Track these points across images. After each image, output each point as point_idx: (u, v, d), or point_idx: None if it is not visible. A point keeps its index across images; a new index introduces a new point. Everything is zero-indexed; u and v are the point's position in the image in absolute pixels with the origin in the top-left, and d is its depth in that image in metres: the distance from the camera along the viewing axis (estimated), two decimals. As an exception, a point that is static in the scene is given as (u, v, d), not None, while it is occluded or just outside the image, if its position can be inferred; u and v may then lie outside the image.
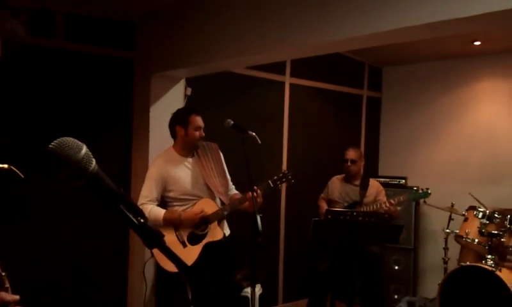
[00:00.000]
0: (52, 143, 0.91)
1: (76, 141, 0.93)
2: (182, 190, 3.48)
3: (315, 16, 2.97)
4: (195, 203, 3.49)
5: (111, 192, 0.95)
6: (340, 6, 2.85)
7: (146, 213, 3.37)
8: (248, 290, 4.01)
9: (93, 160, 0.93)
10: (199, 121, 3.49)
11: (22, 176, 2.71)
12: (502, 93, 5.24)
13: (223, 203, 3.56)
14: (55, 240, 3.84)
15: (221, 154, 3.68)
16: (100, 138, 4.17)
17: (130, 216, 0.97)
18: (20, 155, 3.36)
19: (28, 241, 3.65)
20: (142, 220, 0.98)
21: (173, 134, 3.59)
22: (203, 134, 3.53)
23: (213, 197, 3.54)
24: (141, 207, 3.35)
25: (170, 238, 3.38)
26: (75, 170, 0.91)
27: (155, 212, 3.39)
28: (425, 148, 5.73)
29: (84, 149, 0.92)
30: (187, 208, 3.49)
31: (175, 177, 3.48)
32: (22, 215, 3.69)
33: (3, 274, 1.07)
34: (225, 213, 3.48)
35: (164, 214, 3.39)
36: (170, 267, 3.20)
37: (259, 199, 3.33)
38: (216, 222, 3.46)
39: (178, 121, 3.53)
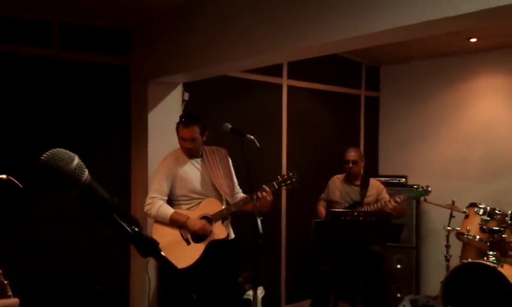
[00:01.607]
0: (44, 155, 0.91)
1: (68, 152, 0.93)
2: (189, 188, 3.55)
3: (310, 19, 2.98)
4: (200, 202, 3.53)
5: (104, 202, 0.95)
6: (335, 8, 2.85)
7: (156, 208, 3.46)
8: (250, 292, 4.00)
9: (86, 170, 0.93)
10: (185, 133, 3.52)
11: (21, 186, 2.72)
12: (499, 88, 5.24)
13: (228, 204, 3.58)
14: (55, 248, 3.84)
15: (230, 159, 3.73)
16: (99, 146, 4.18)
17: (124, 225, 0.97)
18: (17, 165, 3.37)
19: (28, 250, 3.66)
20: (136, 229, 0.98)
21: None
22: (189, 145, 3.54)
23: (219, 198, 3.59)
24: (151, 201, 3.47)
25: (174, 235, 3.44)
26: (67, 181, 0.91)
27: (164, 209, 3.48)
28: (425, 146, 5.72)
29: (76, 160, 0.92)
30: (193, 206, 3.54)
31: (183, 175, 3.55)
32: (22, 225, 3.69)
33: (5, 282, 1.08)
34: (230, 212, 3.53)
35: (172, 214, 3.46)
36: (178, 263, 3.21)
37: (269, 197, 3.43)
38: (220, 221, 3.50)
39: (176, 129, 3.60)
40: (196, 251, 3.42)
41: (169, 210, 3.47)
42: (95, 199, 0.94)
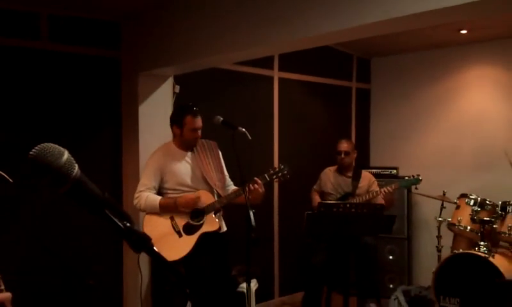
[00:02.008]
0: (33, 150, 0.89)
1: (57, 146, 0.91)
2: (180, 182, 3.54)
3: (300, 11, 2.96)
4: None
5: (95, 197, 0.94)
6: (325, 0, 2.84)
7: (144, 199, 3.45)
8: (244, 285, 4.00)
9: (76, 165, 0.91)
10: (195, 122, 3.49)
11: (11, 180, 2.69)
12: (490, 80, 5.26)
13: (220, 197, 3.57)
14: (48, 243, 3.81)
15: (220, 152, 3.72)
16: (90, 139, 4.14)
17: (116, 220, 0.95)
18: (6, 159, 3.33)
19: (20, 246, 3.62)
20: (128, 224, 0.96)
21: (172, 132, 3.62)
22: (200, 135, 3.54)
23: (210, 191, 3.58)
24: (138, 194, 3.45)
25: (166, 227, 3.44)
26: (57, 176, 0.90)
27: (151, 198, 3.47)
28: (416, 138, 5.74)
29: (66, 155, 0.91)
30: None
31: (173, 170, 3.53)
32: (13, 220, 3.65)
33: None
34: (221, 204, 3.52)
35: (160, 200, 3.46)
36: (170, 256, 3.22)
37: (261, 189, 3.42)
38: (211, 213, 3.50)
39: (175, 121, 3.57)
40: (187, 243, 3.41)
41: (156, 198, 3.47)
42: (85, 194, 0.93)
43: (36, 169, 0.89)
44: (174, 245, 3.37)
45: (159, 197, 3.48)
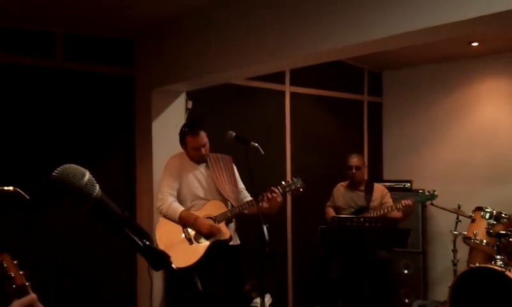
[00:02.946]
0: (55, 171, 0.91)
1: (79, 167, 0.93)
2: (193, 192, 3.58)
3: (311, 26, 2.98)
4: (205, 204, 3.57)
5: (116, 216, 0.95)
6: (336, 15, 2.85)
7: (167, 204, 3.49)
8: (258, 300, 3.98)
9: (97, 185, 0.93)
10: (195, 141, 3.53)
11: (28, 197, 2.72)
12: (502, 92, 5.23)
13: (233, 207, 3.60)
14: (62, 259, 3.84)
15: (235, 166, 3.74)
16: (104, 156, 4.18)
17: (136, 239, 0.97)
18: (23, 177, 3.38)
19: (34, 262, 3.65)
20: (147, 243, 0.98)
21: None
22: (203, 152, 3.56)
23: (224, 202, 3.61)
24: (162, 196, 3.49)
25: (177, 234, 3.47)
26: (78, 196, 0.91)
27: (174, 206, 3.50)
28: (429, 150, 5.71)
29: (87, 175, 0.93)
30: (197, 209, 3.56)
31: (187, 179, 3.58)
32: (29, 236, 3.69)
33: (27, 283, 1.10)
34: (234, 214, 3.54)
35: (181, 213, 3.47)
36: (179, 262, 3.22)
37: (279, 199, 3.44)
38: (223, 223, 3.51)
39: (180, 139, 3.63)
40: (197, 251, 3.43)
41: (179, 208, 3.49)
42: (106, 213, 0.94)
43: (59, 190, 0.90)
44: (184, 252, 3.39)
45: (181, 209, 3.50)
